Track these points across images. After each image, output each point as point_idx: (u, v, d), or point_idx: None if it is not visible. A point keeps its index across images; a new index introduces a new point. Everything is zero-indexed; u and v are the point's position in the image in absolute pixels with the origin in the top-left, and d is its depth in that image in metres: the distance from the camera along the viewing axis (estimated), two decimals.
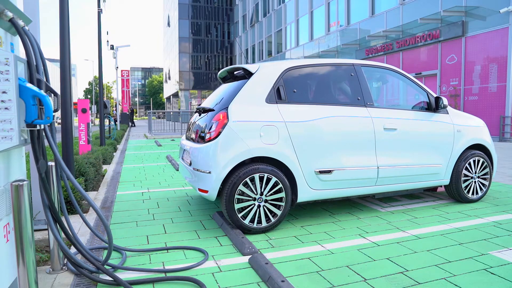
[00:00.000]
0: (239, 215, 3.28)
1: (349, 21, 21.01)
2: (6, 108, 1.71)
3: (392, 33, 17.57)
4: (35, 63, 1.96)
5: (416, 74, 16.04)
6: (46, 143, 2.15)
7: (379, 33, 18.15)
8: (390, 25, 17.75)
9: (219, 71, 16.89)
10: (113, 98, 69.23)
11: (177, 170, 4.22)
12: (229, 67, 4.03)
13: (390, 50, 17.60)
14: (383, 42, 18.16)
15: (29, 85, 1.83)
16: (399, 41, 16.97)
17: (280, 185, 3.37)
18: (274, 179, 3.34)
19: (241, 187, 3.27)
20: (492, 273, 2.49)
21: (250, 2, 38.22)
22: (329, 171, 3.55)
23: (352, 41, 20.61)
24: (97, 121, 37.53)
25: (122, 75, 33.52)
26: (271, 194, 3.36)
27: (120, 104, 33.00)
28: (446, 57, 15.07)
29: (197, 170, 3.43)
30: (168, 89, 65.21)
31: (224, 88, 3.89)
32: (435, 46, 15.44)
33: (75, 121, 17.01)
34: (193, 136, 3.81)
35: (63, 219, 2.99)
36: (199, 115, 3.92)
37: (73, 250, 2.97)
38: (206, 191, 3.35)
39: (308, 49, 25.70)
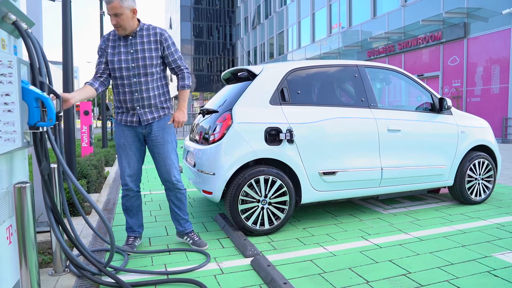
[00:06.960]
0: (243, 217, 3.27)
1: (351, 23, 21.03)
2: (9, 111, 1.72)
3: (394, 35, 17.57)
4: (38, 66, 1.96)
5: (418, 75, 16.02)
6: (49, 145, 2.15)
7: (381, 34, 18.16)
8: (392, 27, 17.75)
9: (221, 73, 16.86)
10: None
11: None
12: (232, 68, 4.03)
13: (392, 51, 17.60)
14: (385, 43, 18.16)
15: (32, 87, 1.84)
16: (401, 43, 16.96)
17: (285, 189, 3.36)
18: (279, 182, 3.34)
19: (245, 188, 3.26)
20: (495, 276, 2.48)
21: (252, 4, 38.31)
22: (333, 173, 3.54)
23: (354, 43, 20.62)
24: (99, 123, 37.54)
25: None
26: (275, 197, 3.36)
27: None
28: (448, 59, 15.05)
29: (201, 171, 3.43)
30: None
31: (228, 90, 3.89)
32: (437, 47, 15.43)
33: (77, 123, 17.06)
34: (197, 137, 3.80)
35: (65, 221, 3.00)
36: (203, 117, 3.91)
37: (75, 252, 2.97)
38: (210, 193, 3.35)
39: (310, 51, 25.73)
